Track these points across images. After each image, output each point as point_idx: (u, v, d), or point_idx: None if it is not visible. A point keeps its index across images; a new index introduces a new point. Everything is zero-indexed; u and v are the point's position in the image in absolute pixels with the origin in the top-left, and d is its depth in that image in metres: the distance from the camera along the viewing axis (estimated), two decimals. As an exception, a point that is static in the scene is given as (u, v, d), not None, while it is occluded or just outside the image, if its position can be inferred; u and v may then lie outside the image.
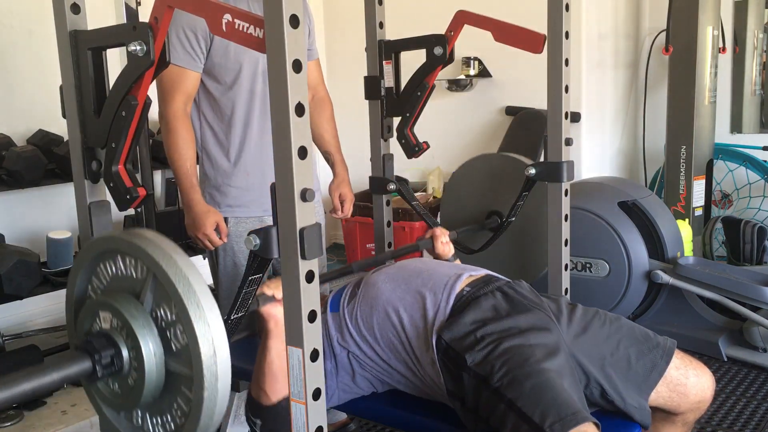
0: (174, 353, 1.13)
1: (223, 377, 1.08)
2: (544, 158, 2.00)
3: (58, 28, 1.39)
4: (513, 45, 1.97)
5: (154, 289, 1.13)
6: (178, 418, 1.15)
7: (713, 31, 3.66)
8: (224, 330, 1.08)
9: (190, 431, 1.12)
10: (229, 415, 2.01)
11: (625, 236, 2.96)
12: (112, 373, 1.16)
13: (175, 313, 1.10)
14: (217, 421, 1.11)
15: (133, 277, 1.17)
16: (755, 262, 3.30)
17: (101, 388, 1.22)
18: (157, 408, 1.18)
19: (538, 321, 1.50)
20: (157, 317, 1.14)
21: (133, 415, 1.22)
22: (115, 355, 1.14)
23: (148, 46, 1.27)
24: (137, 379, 1.14)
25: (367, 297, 1.61)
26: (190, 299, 1.07)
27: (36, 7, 3.18)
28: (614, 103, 4.13)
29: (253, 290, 1.37)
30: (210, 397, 1.08)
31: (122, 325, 1.14)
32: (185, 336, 1.09)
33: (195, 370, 1.08)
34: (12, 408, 2.49)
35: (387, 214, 2.31)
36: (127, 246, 1.15)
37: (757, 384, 2.71)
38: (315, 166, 2.04)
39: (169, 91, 1.96)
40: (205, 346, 1.06)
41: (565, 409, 1.30)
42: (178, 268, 1.09)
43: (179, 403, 1.14)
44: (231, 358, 1.11)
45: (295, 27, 1.09)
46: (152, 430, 1.20)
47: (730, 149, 3.87)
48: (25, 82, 3.17)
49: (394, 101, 2.22)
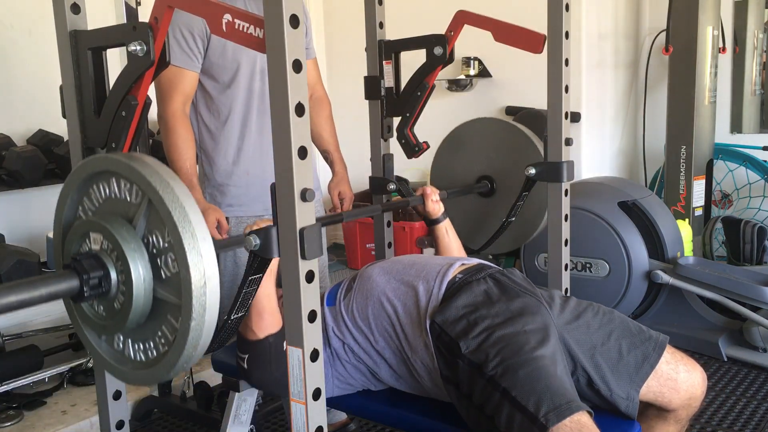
0: (163, 281, 1.11)
1: (211, 309, 1.08)
2: (544, 158, 2.00)
3: (58, 28, 1.39)
4: (513, 45, 1.97)
5: (148, 215, 1.12)
6: (161, 345, 1.14)
7: (713, 31, 3.66)
8: (216, 262, 1.08)
9: (173, 359, 1.11)
10: (229, 415, 2.01)
11: (625, 236, 2.96)
12: (99, 295, 1.15)
13: (167, 241, 1.09)
14: (200, 352, 1.11)
15: (127, 201, 1.14)
16: (755, 262, 3.30)
17: (85, 310, 1.21)
18: (141, 334, 1.17)
19: (528, 305, 1.51)
20: (149, 243, 1.12)
21: (115, 339, 1.22)
22: (104, 277, 1.13)
23: (148, 46, 1.27)
24: (124, 303, 1.13)
25: (362, 289, 1.64)
26: (184, 228, 1.05)
27: (36, 6, 3.18)
28: (614, 103, 4.13)
29: (253, 290, 1.37)
30: (196, 327, 1.07)
31: (112, 248, 1.13)
32: (176, 264, 1.08)
33: (184, 300, 1.07)
34: (12, 408, 2.49)
35: (387, 214, 2.31)
36: (124, 168, 1.12)
37: (757, 384, 2.71)
38: (315, 165, 2.04)
39: (168, 92, 1.96)
40: (196, 276, 1.05)
41: (559, 398, 1.31)
42: (174, 195, 1.07)
43: (164, 332, 1.13)
44: (231, 358, 1.11)
45: (295, 27, 1.09)
46: (133, 356, 1.19)
47: (730, 149, 3.87)
48: (25, 82, 3.17)
49: (394, 101, 2.22)
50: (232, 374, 1.95)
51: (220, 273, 2.18)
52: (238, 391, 1.95)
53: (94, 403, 1.66)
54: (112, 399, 1.58)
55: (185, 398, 2.50)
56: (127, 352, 1.20)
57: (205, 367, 2.73)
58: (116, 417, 1.60)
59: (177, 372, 1.12)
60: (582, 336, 1.55)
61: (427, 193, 2.01)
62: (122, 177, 1.14)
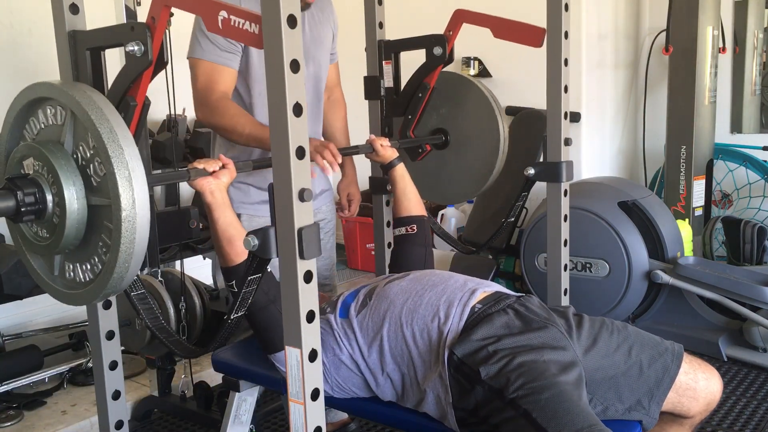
0: (95, 188, 1.20)
1: (141, 199, 1.16)
2: (544, 158, 2.00)
3: (57, 28, 1.40)
4: (513, 40, 1.97)
5: (73, 127, 1.21)
6: (103, 255, 1.22)
7: (713, 31, 3.65)
8: (138, 155, 1.17)
9: (111, 266, 1.19)
10: (229, 415, 2.01)
11: (625, 236, 2.96)
12: (35, 212, 1.23)
13: (92, 147, 1.17)
14: (139, 250, 1.18)
15: (57, 125, 1.24)
16: (755, 262, 3.30)
17: (26, 233, 1.31)
18: (84, 251, 1.26)
19: (550, 339, 1.48)
20: (78, 158, 1.21)
21: (56, 260, 1.32)
22: (37, 193, 1.22)
23: (146, 46, 1.27)
24: (59, 215, 1.21)
25: (378, 309, 1.61)
26: (102, 125, 1.14)
27: (36, 6, 3.18)
28: (614, 103, 4.13)
29: (253, 290, 1.37)
30: (128, 218, 1.14)
31: (44, 165, 1.21)
32: (103, 166, 1.16)
33: (112, 196, 1.15)
34: (12, 408, 2.50)
35: (387, 214, 2.31)
36: (47, 89, 1.24)
37: (757, 384, 2.71)
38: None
39: (208, 87, 1.87)
40: (121, 171, 1.13)
41: (580, 422, 1.29)
42: (92, 101, 1.16)
43: (103, 239, 1.21)
44: (231, 358, 1.12)
45: (292, 27, 1.09)
46: (74, 276, 1.30)
47: (730, 149, 3.86)
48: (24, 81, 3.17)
49: (393, 101, 2.22)
50: (232, 374, 1.95)
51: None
52: (238, 391, 1.95)
53: (94, 403, 1.66)
54: (112, 399, 1.58)
55: (185, 398, 2.50)
56: (68, 273, 1.31)
57: (205, 367, 2.73)
58: (115, 417, 1.60)
59: (120, 275, 1.20)
60: (602, 360, 1.52)
61: (373, 138, 2.06)
62: (49, 101, 1.25)
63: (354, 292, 1.70)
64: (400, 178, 2.05)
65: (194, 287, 2.19)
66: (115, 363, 1.62)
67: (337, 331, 1.62)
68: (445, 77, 2.23)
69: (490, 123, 2.21)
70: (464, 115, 2.25)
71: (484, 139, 2.22)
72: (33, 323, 3.07)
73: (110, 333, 1.60)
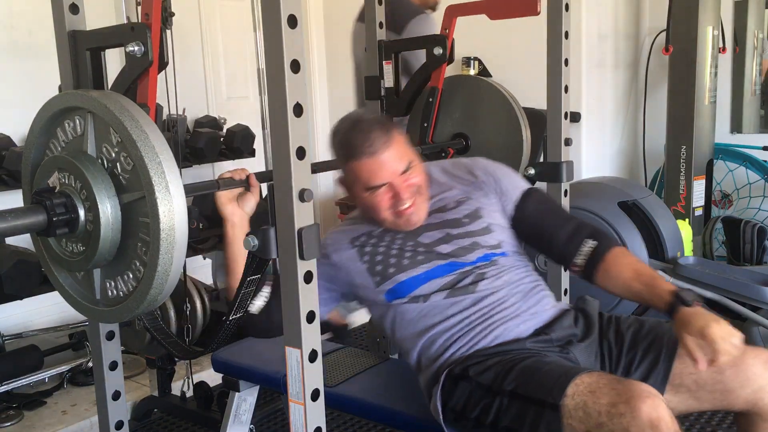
0: (125, 186, 1.15)
1: (174, 184, 1.10)
2: (544, 158, 1.99)
3: (57, 29, 1.40)
4: (510, 16, 1.96)
5: (94, 129, 1.17)
6: (143, 254, 1.15)
7: (713, 31, 3.65)
8: (164, 139, 1.11)
9: (154, 262, 1.12)
10: (229, 415, 2.01)
11: (625, 236, 2.96)
12: (68, 223, 1.17)
13: (117, 143, 1.13)
14: (180, 235, 1.11)
15: (80, 134, 1.20)
16: (755, 262, 3.30)
17: (55, 248, 1.24)
18: (122, 259, 1.19)
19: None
20: (103, 160, 1.16)
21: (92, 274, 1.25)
22: (68, 204, 1.16)
23: (146, 46, 1.27)
24: (93, 221, 1.15)
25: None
26: (123, 114, 1.09)
27: (36, 6, 3.18)
28: (614, 103, 4.13)
29: (252, 290, 1.37)
30: (164, 200, 1.08)
31: (70, 174, 1.17)
32: (130, 159, 1.11)
33: (144, 184, 1.09)
34: (12, 408, 2.49)
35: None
36: (71, 99, 1.20)
37: (757, 384, 2.71)
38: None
39: None
40: (151, 156, 1.08)
41: (556, 372, 1.32)
42: (110, 97, 1.13)
43: (141, 237, 1.15)
44: (230, 358, 1.11)
45: (292, 27, 1.09)
46: (121, 286, 1.22)
47: (730, 149, 3.86)
48: (25, 81, 3.17)
49: (394, 101, 2.22)
50: (231, 374, 1.95)
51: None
52: (238, 391, 1.95)
53: (94, 403, 1.66)
54: (111, 399, 1.58)
55: (185, 398, 2.50)
56: (110, 291, 1.24)
57: (205, 367, 2.73)
58: (115, 417, 1.60)
59: (165, 271, 1.13)
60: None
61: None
62: (73, 110, 1.20)
63: (405, 281, 1.62)
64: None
65: (195, 288, 2.19)
66: (115, 363, 1.62)
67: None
68: (466, 82, 2.22)
69: (511, 124, 2.17)
70: (483, 117, 2.22)
71: (506, 141, 2.17)
72: (33, 323, 3.06)
73: (110, 333, 1.60)
